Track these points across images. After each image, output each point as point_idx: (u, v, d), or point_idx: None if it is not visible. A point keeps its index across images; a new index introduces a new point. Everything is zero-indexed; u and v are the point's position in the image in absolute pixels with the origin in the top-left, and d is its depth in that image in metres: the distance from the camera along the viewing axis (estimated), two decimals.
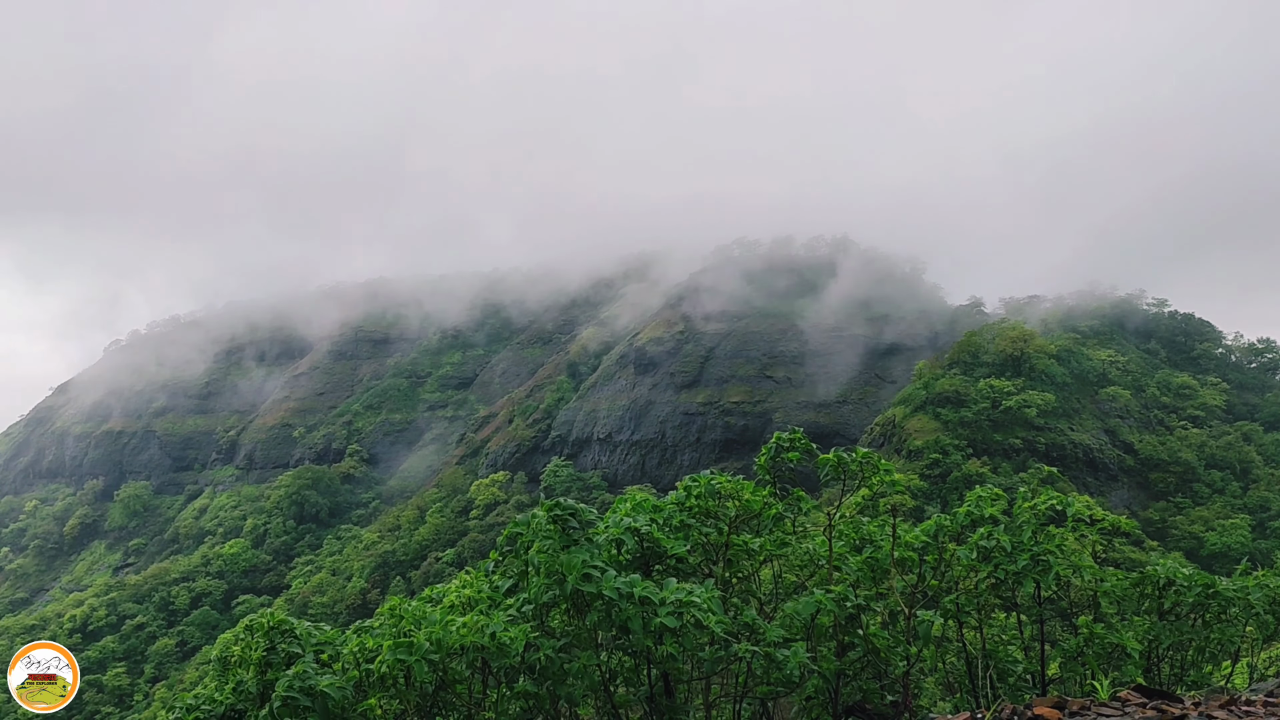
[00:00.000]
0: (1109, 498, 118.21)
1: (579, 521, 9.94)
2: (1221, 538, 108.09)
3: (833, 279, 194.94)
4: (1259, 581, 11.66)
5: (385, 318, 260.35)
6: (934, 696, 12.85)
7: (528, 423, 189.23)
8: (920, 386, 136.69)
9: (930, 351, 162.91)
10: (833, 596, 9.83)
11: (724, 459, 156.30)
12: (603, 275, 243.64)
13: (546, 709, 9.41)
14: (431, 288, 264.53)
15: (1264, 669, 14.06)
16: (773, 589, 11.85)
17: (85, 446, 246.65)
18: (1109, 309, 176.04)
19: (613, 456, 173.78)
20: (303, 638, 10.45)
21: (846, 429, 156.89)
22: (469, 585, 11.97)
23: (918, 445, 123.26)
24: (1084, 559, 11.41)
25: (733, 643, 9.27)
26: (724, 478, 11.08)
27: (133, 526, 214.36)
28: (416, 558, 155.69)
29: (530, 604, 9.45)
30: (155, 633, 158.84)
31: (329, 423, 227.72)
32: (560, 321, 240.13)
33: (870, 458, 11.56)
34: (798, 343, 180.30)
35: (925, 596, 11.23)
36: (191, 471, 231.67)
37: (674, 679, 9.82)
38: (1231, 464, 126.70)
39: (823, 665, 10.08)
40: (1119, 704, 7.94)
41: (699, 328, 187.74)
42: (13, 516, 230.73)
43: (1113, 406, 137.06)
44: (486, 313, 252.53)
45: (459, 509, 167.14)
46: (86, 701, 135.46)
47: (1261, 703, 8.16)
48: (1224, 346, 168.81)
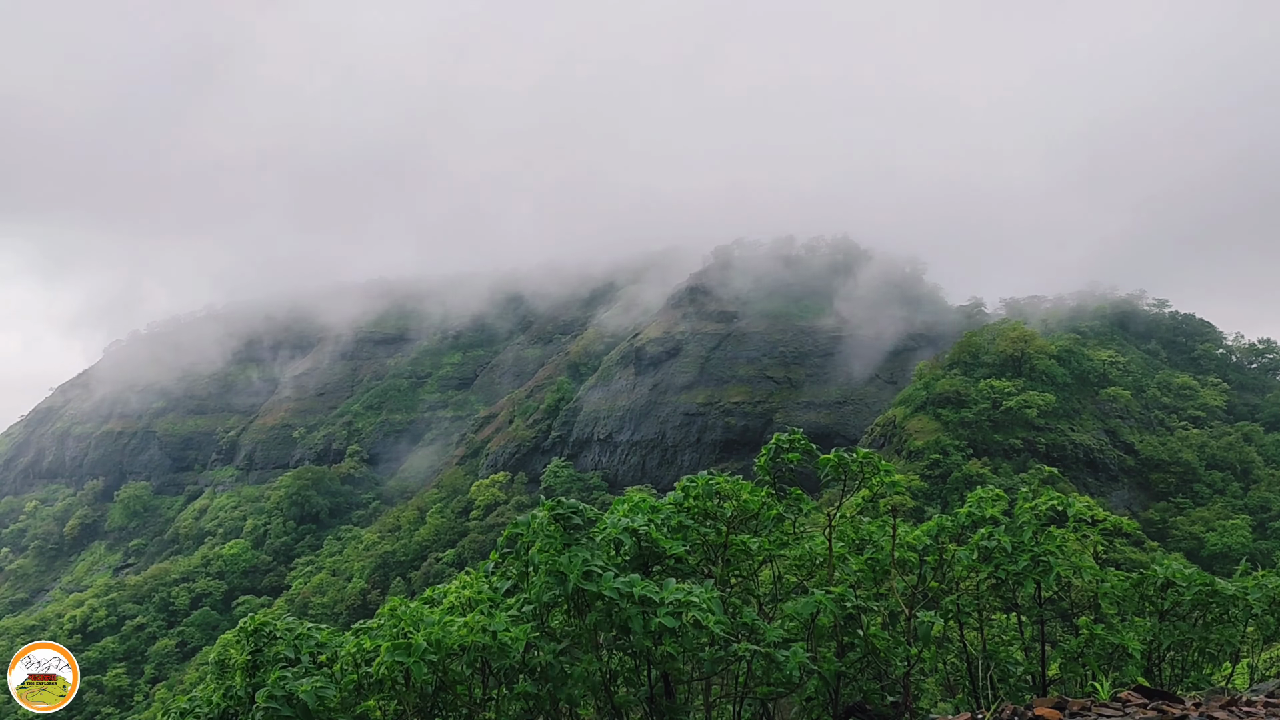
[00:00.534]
0: (1109, 498, 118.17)
1: (582, 520, 9.94)
2: (1222, 538, 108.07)
3: (833, 279, 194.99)
4: (1258, 582, 11.65)
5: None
6: (934, 697, 12.84)
7: (528, 423, 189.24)
8: (920, 387, 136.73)
9: (930, 352, 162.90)
10: (832, 597, 9.82)
11: (724, 459, 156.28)
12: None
13: (547, 710, 9.40)
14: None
15: (1264, 669, 14.04)
16: (772, 589, 11.84)
17: (85, 447, 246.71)
18: (1110, 309, 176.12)
19: (613, 457, 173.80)
20: (284, 637, 10.43)
21: (847, 429, 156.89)
22: (469, 586, 11.96)
23: (918, 446, 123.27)
24: (1085, 560, 11.40)
25: (732, 643, 9.26)
26: (723, 478, 11.07)
27: (133, 527, 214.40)
28: (416, 558, 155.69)
29: (531, 604, 9.44)
30: (155, 633, 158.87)
31: (329, 423, 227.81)
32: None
33: (871, 458, 11.55)
34: (798, 343, 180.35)
35: (925, 597, 11.22)
36: (191, 472, 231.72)
37: (674, 679, 9.81)
38: (1232, 464, 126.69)
39: (823, 666, 10.07)
40: (1119, 704, 7.93)
41: (699, 328, 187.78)
42: (13, 517, 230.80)
43: (1113, 407, 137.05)
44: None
45: (459, 509, 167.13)
46: (86, 702, 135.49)
47: (1262, 703, 8.15)
48: (1225, 347, 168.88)
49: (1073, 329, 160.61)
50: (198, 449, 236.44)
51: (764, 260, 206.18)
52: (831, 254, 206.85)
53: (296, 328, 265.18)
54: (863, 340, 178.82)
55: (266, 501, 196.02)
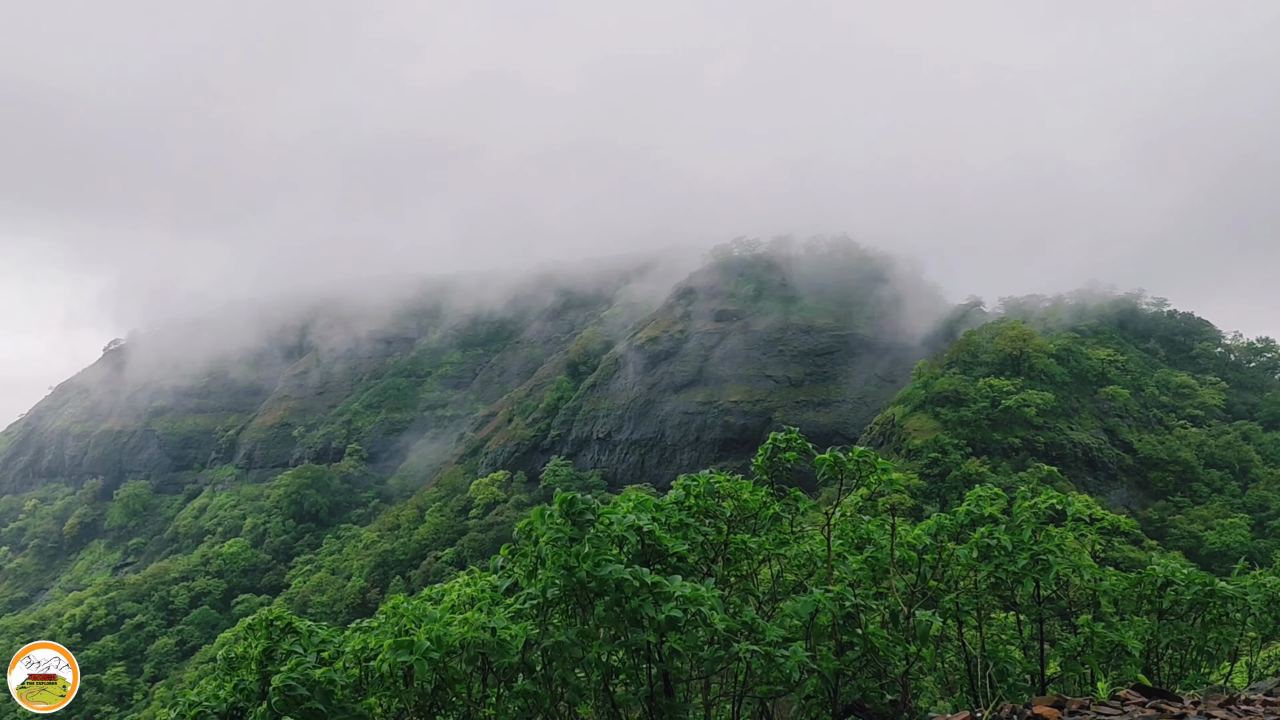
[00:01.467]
0: (1108, 497, 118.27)
1: (593, 515, 9.96)
2: (1220, 537, 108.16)
3: (832, 278, 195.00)
4: (1256, 581, 11.67)
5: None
6: (933, 696, 12.85)
7: (527, 422, 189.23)
8: (919, 386, 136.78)
9: (929, 351, 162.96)
10: (831, 596, 9.84)
11: (723, 458, 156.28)
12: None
13: (546, 708, 9.43)
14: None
15: (1263, 668, 14.07)
16: (771, 588, 11.86)
17: (84, 446, 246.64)
18: (1108, 308, 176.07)
19: (612, 456, 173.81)
20: (304, 635, 10.48)
21: (846, 428, 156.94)
22: (470, 584, 11.99)
23: (917, 444, 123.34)
24: (1083, 558, 11.42)
25: (733, 642, 9.28)
26: (722, 477, 11.09)
27: (132, 526, 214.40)
28: (416, 557, 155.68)
29: (534, 599, 9.43)
30: (155, 632, 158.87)
31: (328, 422, 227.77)
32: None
33: (867, 456, 11.56)
34: (797, 342, 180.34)
35: (925, 596, 11.24)
36: (191, 471, 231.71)
37: (673, 678, 9.83)
38: (1230, 463, 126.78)
39: (822, 665, 10.08)
40: (1118, 703, 7.96)
41: (698, 327, 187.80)
42: (12, 516, 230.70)
43: (1112, 406, 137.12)
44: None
45: (458, 508, 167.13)
46: (86, 701, 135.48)
47: (1260, 702, 8.18)
48: (1223, 346, 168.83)
49: (1072, 328, 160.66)
50: (197, 448, 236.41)
51: (762, 259, 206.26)
52: (830, 253, 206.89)
53: (300, 325, 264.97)
54: (862, 339, 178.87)
55: (266, 500, 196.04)
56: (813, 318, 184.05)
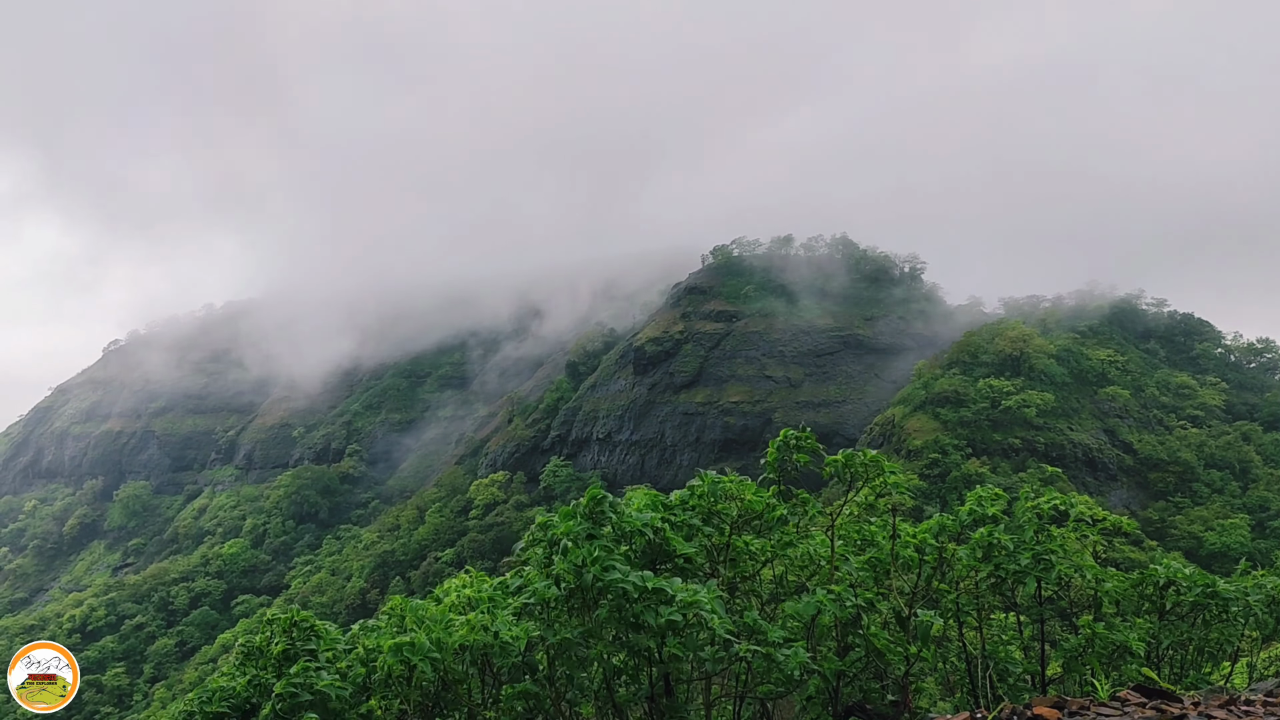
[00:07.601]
0: (1108, 497, 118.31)
1: (615, 513, 9.92)
2: (1221, 537, 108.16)
3: (832, 278, 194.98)
4: (1257, 582, 11.67)
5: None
6: (934, 696, 12.86)
7: (527, 423, 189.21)
8: (920, 386, 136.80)
9: (930, 351, 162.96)
10: (833, 597, 9.84)
11: (723, 459, 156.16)
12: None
13: (548, 709, 9.42)
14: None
15: (1263, 669, 14.07)
16: (774, 589, 11.85)
17: (84, 446, 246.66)
18: (1108, 309, 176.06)
19: (612, 456, 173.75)
20: (324, 635, 10.53)
21: (845, 428, 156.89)
22: (469, 585, 11.97)
23: (917, 445, 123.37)
24: (1085, 559, 11.42)
25: (734, 643, 9.28)
26: (728, 478, 11.06)
27: (132, 526, 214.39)
28: (416, 557, 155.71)
29: (544, 594, 9.38)
30: (154, 632, 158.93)
31: (328, 423, 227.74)
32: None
33: (878, 459, 11.53)
34: (797, 342, 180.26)
35: (927, 596, 11.24)
36: (191, 471, 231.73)
37: (675, 679, 9.83)
38: (1231, 463, 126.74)
39: (823, 665, 10.09)
40: (1118, 703, 7.95)
41: (698, 327, 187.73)
42: (12, 516, 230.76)
43: (1112, 406, 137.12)
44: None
45: (458, 509, 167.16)
46: (86, 701, 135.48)
47: (1261, 702, 8.17)
48: (1223, 346, 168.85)
49: (1072, 328, 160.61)
50: (197, 448, 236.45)
51: (761, 259, 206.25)
52: (830, 252, 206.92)
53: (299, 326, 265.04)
54: (862, 339, 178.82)
55: (266, 501, 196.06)
56: (812, 318, 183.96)
